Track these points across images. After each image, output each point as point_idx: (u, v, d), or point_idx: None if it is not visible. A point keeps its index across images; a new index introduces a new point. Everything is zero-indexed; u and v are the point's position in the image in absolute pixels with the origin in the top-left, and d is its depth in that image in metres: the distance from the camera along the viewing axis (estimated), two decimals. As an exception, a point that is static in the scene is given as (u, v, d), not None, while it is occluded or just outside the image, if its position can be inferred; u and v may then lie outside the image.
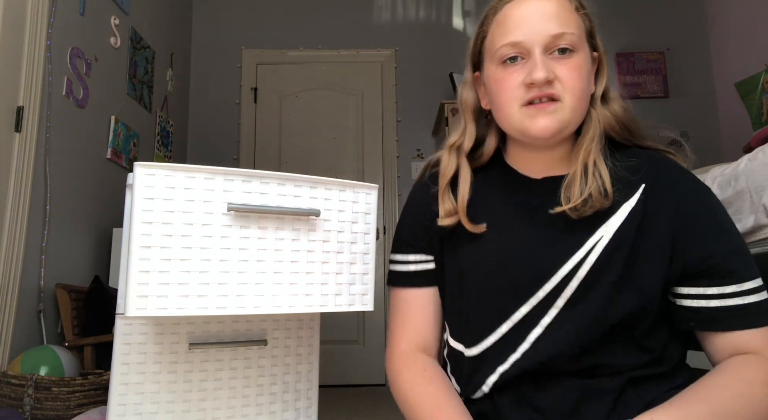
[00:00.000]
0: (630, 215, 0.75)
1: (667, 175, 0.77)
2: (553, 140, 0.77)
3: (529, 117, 0.75)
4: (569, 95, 0.74)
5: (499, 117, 0.80)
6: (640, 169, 0.77)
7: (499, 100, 0.78)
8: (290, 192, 0.96)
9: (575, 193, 0.74)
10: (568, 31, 0.74)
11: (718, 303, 0.72)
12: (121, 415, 1.05)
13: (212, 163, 1.03)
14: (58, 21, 2.09)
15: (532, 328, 0.75)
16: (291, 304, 0.95)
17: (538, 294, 0.75)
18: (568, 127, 0.75)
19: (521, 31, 0.75)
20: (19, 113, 1.88)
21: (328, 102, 3.63)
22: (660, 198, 0.75)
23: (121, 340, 1.07)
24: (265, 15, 3.70)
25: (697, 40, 3.70)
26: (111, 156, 2.50)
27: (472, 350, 0.79)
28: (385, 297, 3.42)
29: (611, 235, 0.74)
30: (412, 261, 0.87)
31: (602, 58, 0.82)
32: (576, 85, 0.74)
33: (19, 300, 1.85)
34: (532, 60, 0.74)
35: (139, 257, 0.85)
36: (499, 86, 0.77)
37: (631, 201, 0.75)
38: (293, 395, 1.20)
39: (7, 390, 1.60)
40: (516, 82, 0.75)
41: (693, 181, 0.78)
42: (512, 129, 0.78)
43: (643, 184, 0.76)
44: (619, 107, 0.80)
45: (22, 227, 1.88)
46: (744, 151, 1.99)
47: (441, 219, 0.81)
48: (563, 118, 0.74)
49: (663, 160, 0.79)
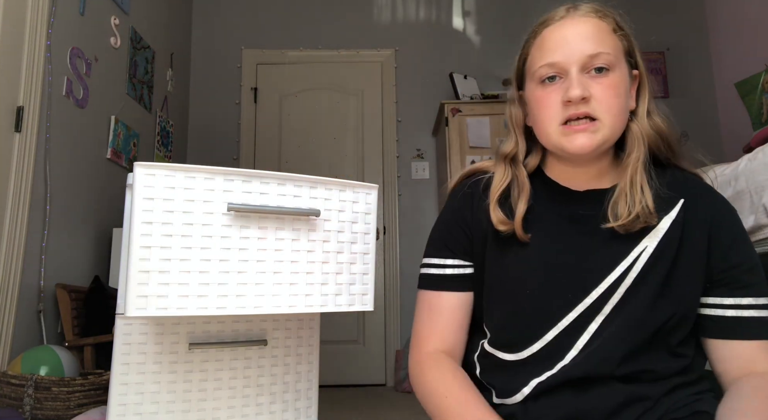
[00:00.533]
0: (671, 227, 0.78)
1: (704, 194, 0.82)
2: (592, 156, 0.80)
3: (566, 136, 0.78)
4: (605, 113, 0.77)
5: (540, 134, 0.84)
6: (679, 186, 0.81)
7: (539, 118, 0.82)
8: (290, 192, 0.96)
9: (622, 210, 0.78)
10: (604, 51, 0.78)
11: (734, 313, 0.76)
12: (121, 415, 1.05)
13: (212, 163, 1.04)
14: (58, 21, 2.09)
15: (580, 335, 0.77)
16: (291, 304, 0.95)
17: (586, 301, 0.78)
18: (605, 143, 0.78)
19: (559, 52, 0.79)
20: (19, 113, 1.88)
21: (328, 102, 3.63)
22: (697, 213, 0.79)
23: (121, 340, 1.07)
24: (265, 15, 3.70)
25: (697, 40, 3.70)
26: (111, 156, 2.50)
27: (516, 355, 0.81)
28: (385, 297, 3.42)
29: (655, 246, 0.78)
30: (449, 265, 0.88)
31: (643, 75, 0.84)
32: (611, 102, 0.77)
33: (19, 300, 1.85)
34: (569, 79, 0.77)
35: (139, 257, 0.85)
36: (539, 105, 0.81)
37: (671, 214, 0.79)
38: (293, 395, 1.20)
39: (7, 390, 1.60)
40: (554, 101, 0.79)
41: (724, 200, 0.83)
42: (551, 145, 0.82)
43: (681, 200, 0.80)
44: (663, 123, 0.83)
45: (22, 227, 1.88)
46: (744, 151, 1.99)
47: (497, 224, 0.83)
48: (601, 137, 0.77)
49: (699, 181, 0.85)
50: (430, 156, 3.60)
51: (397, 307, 3.41)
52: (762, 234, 1.38)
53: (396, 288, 3.43)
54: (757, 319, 0.76)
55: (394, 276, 3.44)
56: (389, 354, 3.35)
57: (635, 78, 0.84)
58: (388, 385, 3.31)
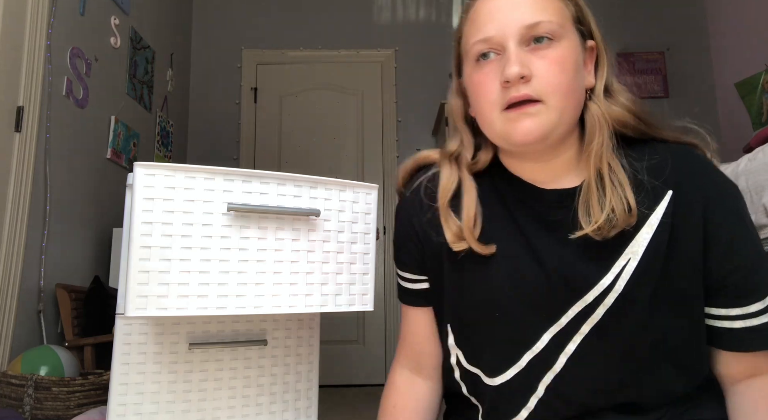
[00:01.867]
0: (658, 231, 0.66)
1: (695, 176, 0.68)
2: (542, 146, 0.68)
3: (510, 122, 0.66)
4: (551, 93, 0.65)
5: (483, 125, 0.72)
6: (663, 169, 0.68)
7: (479, 106, 0.70)
8: (290, 192, 0.96)
9: (594, 209, 0.65)
10: (545, 19, 0.65)
11: (742, 324, 0.67)
12: (121, 415, 1.05)
13: (212, 163, 1.04)
14: (58, 21, 2.09)
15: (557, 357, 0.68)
16: (291, 304, 0.95)
17: (561, 320, 0.68)
18: (555, 129, 0.66)
19: (493, 24, 0.67)
20: (19, 113, 1.88)
21: (328, 102, 3.63)
22: (689, 205, 0.67)
23: (121, 340, 1.07)
24: (265, 15, 3.70)
25: (697, 40, 3.70)
26: (111, 156, 2.50)
27: (494, 380, 0.72)
28: (385, 297, 3.42)
29: (640, 257, 0.66)
30: (407, 279, 0.82)
31: (600, 46, 0.72)
32: (557, 79, 0.65)
33: (19, 300, 1.84)
34: (506, 55, 0.66)
35: (139, 257, 0.85)
36: (477, 90, 0.70)
37: (657, 212, 0.67)
38: (293, 395, 1.20)
39: (7, 390, 1.60)
40: (492, 84, 0.67)
41: (722, 181, 0.69)
42: (496, 137, 0.70)
43: (669, 192, 0.67)
44: (628, 99, 0.70)
45: (22, 227, 1.88)
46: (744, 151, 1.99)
47: (452, 244, 0.72)
48: (548, 120, 0.65)
49: (689, 155, 0.70)
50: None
51: (397, 307, 3.41)
52: (762, 234, 1.38)
53: (396, 288, 3.42)
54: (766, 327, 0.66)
55: (394, 276, 3.43)
56: (389, 354, 3.35)
57: (591, 50, 0.71)
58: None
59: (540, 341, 0.69)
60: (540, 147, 0.68)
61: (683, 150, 0.70)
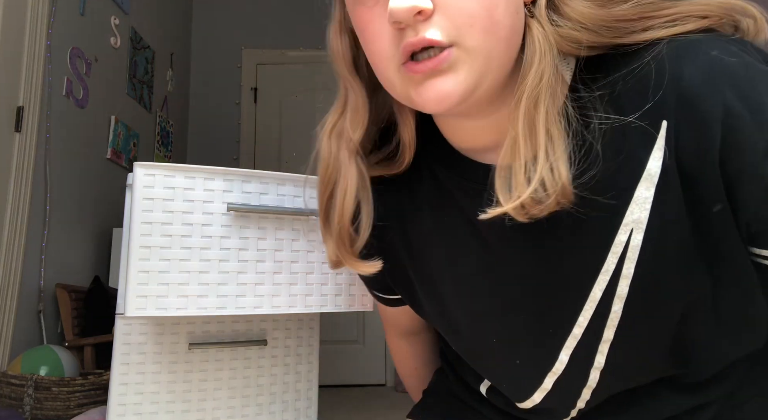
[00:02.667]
0: (662, 182, 0.45)
1: (696, 78, 0.43)
2: (467, 106, 0.46)
3: (413, 84, 0.45)
4: (469, 30, 0.43)
5: (382, 83, 0.50)
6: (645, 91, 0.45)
7: (371, 59, 0.49)
8: (290, 192, 0.97)
9: (518, 178, 0.45)
10: None
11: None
12: (121, 415, 1.05)
13: (212, 163, 1.04)
14: (58, 21, 2.09)
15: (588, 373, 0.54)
16: (290, 305, 0.95)
17: (574, 332, 0.52)
18: (481, 83, 0.45)
19: None
20: (19, 113, 1.88)
21: (329, 102, 3.63)
22: (695, 127, 0.43)
23: (121, 340, 1.07)
24: (265, 15, 3.70)
25: (697, 40, 3.70)
26: (111, 156, 2.50)
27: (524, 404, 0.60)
28: (385, 297, 3.43)
29: (646, 223, 0.46)
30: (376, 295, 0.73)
31: None
32: (474, 6, 0.42)
33: (19, 300, 1.85)
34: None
35: (139, 257, 0.85)
36: (363, 36, 0.48)
37: (654, 156, 0.45)
38: (293, 395, 1.20)
39: (7, 390, 1.60)
40: (382, 26, 0.45)
41: (746, 77, 0.42)
42: (401, 100, 0.49)
43: (664, 122, 0.44)
44: (581, 3, 0.46)
45: (22, 227, 1.88)
46: None
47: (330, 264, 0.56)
48: (468, 75, 0.44)
49: (689, 52, 0.44)
50: None
51: (397, 307, 3.41)
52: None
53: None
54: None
55: (394, 276, 3.44)
56: (389, 354, 3.34)
57: None
58: (388, 385, 3.31)
59: (558, 362, 0.54)
60: (463, 108, 0.46)
61: (676, 42, 0.45)
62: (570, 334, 0.52)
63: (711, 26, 0.45)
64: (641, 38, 0.46)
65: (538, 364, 0.56)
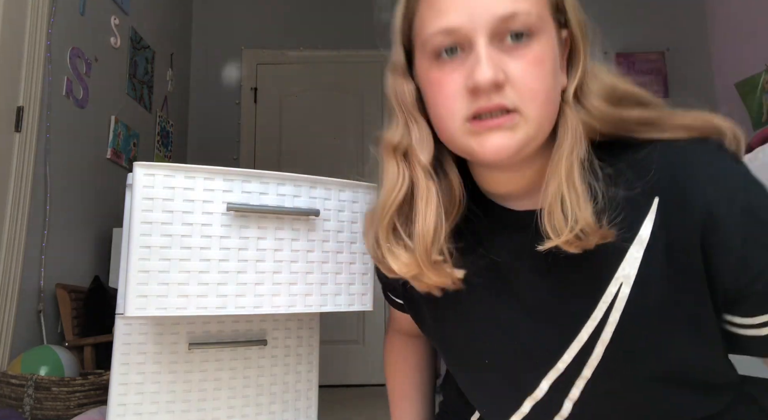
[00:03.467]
0: (650, 247, 0.55)
1: (688, 174, 0.54)
2: (514, 161, 0.57)
3: (476, 136, 0.55)
4: (530, 102, 0.53)
5: (440, 131, 0.60)
6: (645, 172, 0.55)
7: (436, 111, 0.59)
8: (290, 192, 0.96)
9: (559, 223, 0.54)
10: (521, 10, 0.53)
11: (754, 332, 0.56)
12: (121, 415, 1.05)
13: (212, 163, 1.04)
14: (58, 21, 2.09)
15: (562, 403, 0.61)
16: (290, 304, 0.95)
17: (558, 366, 0.60)
18: (531, 143, 0.56)
19: (458, 13, 0.54)
20: (19, 113, 1.88)
21: (328, 102, 3.63)
22: (683, 210, 0.54)
23: (121, 340, 1.07)
24: (265, 15, 3.70)
25: (697, 40, 3.70)
26: (111, 156, 2.50)
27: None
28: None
29: (633, 280, 0.55)
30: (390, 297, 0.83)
31: (576, 36, 0.58)
32: (537, 85, 0.54)
33: (19, 300, 1.85)
34: (475, 53, 0.53)
35: (139, 257, 0.85)
36: (435, 92, 0.58)
37: (646, 225, 0.55)
38: (293, 395, 1.20)
39: (7, 390, 1.60)
40: (456, 87, 0.55)
41: (727, 173, 0.54)
42: (457, 150, 0.59)
43: (656, 198, 0.55)
44: (599, 102, 0.57)
45: (22, 227, 1.88)
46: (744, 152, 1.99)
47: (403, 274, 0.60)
48: (524, 134, 0.54)
49: (680, 150, 0.56)
50: None
51: (397, 307, 3.41)
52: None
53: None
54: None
55: (394, 276, 3.43)
56: (389, 354, 3.35)
57: (565, 42, 0.59)
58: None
59: (539, 389, 0.61)
60: (512, 162, 0.57)
61: (674, 144, 0.56)
62: (554, 367, 0.60)
63: (700, 136, 0.57)
64: (644, 137, 0.58)
65: (521, 388, 0.63)
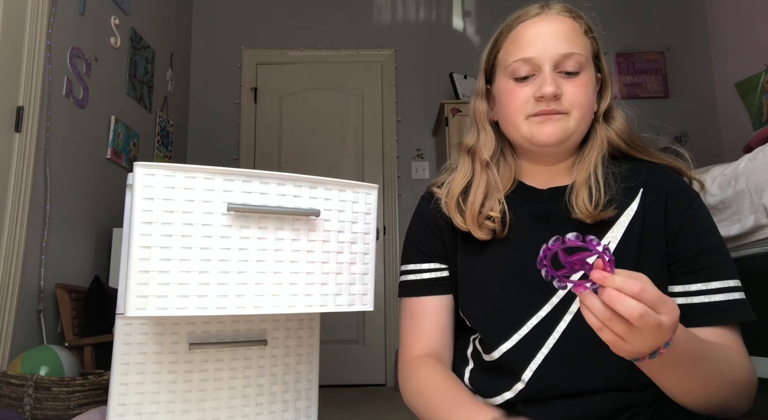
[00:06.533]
0: (633, 220, 0.80)
1: (660, 178, 0.83)
2: (558, 149, 0.82)
3: (536, 124, 0.80)
4: (575, 108, 0.79)
5: (507, 127, 0.85)
6: (639, 175, 0.82)
7: (508, 111, 0.83)
8: (290, 192, 0.96)
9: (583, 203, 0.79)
10: (576, 52, 0.80)
11: (683, 300, 0.75)
12: (121, 415, 1.05)
13: (212, 163, 1.03)
14: (58, 21, 2.09)
15: (550, 333, 0.77)
16: (291, 304, 0.95)
17: (553, 300, 0.78)
18: (572, 136, 0.80)
19: (534, 48, 0.80)
20: (19, 113, 1.88)
21: (328, 102, 3.63)
22: (655, 199, 0.80)
23: (121, 340, 1.07)
24: (265, 15, 3.70)
25: (697, 40, 3.70)
26: (111, 156, 2.50)
27: (489, 356, 0.81)
28: (385, 297, 3.42)
29: (618, 240, 0.79)
30: (425, 269, 0.89)
31: (606, 78, 0.87)
32: (582, 100, 0.79)
33: (19, 300, 1.85)
34: (542, 76, 0.79)
35: (139, 257, 0.85)
36: (509, 97, 0.82)
37: (633, 206, 0.80)
38: (293, 395, 1.20)
39: (7, 390, 1.60)
40: (526, 95, 0.80)
41: (683, 186, 0.83)
42: (519, 137, 0.83)
43: (641, 189, 0.81)
44: (622, 124, 0.85)
45: (22, 227, 1.88)
46: (744, 151, 1.99)
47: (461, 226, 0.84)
48: (568, 127, 0.79)
49: (659, 167, 0.84)
50: (430, 156, 3.60)
51: (397, 307, 3.41)
52: (762, 234, 1.37)
53: (396, 288, 3.42)
54: (704, 306, 0.74)
55: (394, 276, 3.43)
56: (389, 354, 3.35)
57: (598, 80, 0.87)
58: (388, 385, 3.31)
59: (536, 316, 0.79)
60: (556, 149, 0.82)
61: (657, 164, 0.85)
62: (548, 302, 0.79)
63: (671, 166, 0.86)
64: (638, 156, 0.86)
65: (520, 316, 0.79)
